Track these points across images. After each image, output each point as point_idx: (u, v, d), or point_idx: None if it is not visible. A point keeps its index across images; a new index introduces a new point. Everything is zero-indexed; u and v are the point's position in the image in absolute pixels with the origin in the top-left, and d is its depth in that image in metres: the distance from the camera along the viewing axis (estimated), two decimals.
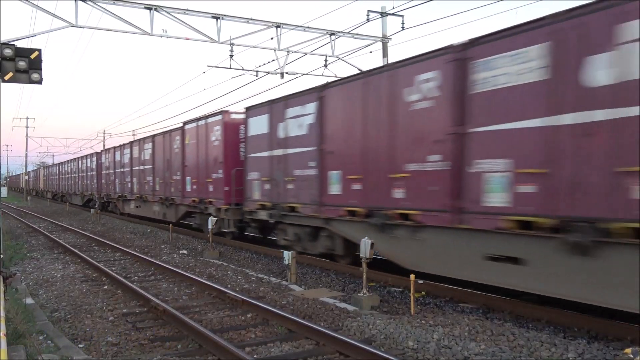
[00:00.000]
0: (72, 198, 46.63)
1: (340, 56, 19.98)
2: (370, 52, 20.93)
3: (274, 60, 19.37)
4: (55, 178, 58.44)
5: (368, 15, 19.78)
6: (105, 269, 12.20)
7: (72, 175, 46.46)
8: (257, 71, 19.91)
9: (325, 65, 20.12)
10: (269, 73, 19.96)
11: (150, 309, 8.60)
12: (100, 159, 35.77)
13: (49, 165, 72.54)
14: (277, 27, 18.20)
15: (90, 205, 38.38)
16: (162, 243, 18.05)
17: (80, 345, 6.90)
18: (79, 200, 43.72)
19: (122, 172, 29.70)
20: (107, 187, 33.40)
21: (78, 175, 43.74)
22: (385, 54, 20.57)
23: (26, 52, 10.38)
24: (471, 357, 6.06)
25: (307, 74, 20.56)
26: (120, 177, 30.26)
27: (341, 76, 14.09)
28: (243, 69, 19.48)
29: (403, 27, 19.80)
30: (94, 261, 13.44)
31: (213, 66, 20.14)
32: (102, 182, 34.87)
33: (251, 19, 17.90)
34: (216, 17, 17.16)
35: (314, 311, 8.40)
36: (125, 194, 29.23)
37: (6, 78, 10.16)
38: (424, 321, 7.56)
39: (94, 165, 37.50)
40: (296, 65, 70.72)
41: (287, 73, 19.95)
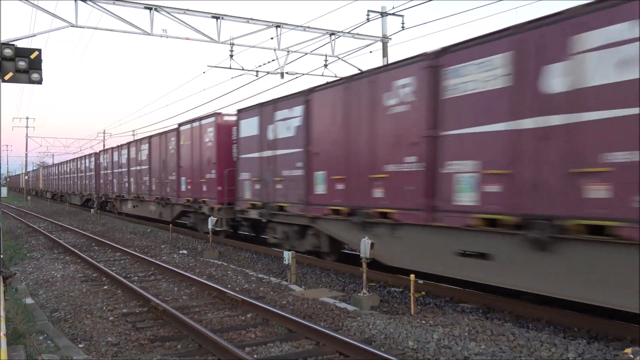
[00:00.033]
0: (71, 198, 46.79)
1: (340, 56, 19.98)
2: (370, 52, 20.95)
3: (274, 60, 19.38)
4: (54, 178, 58.56)
5: (368, 15, 19.78)
6: (105, 269, 12.21)
7: (71, 176, 46.58)
8: (257, 71, 19.91)
9: (326, 65, 20.11)
10: (269, 73, 19.96)
11: (150, 309, 8.61)
12: (99, 159, 35.96)
13: (49, 166, 72.59)
14: (277, 27, 18.20)
15: (89, 205, 38.51)
16: (162, 243, 18.05)
17: (80, 345, 6.91)
18: (77, 200, 43.92)
19: (120, 173, 29.94)
20: (105, 187, 33.56)
21: (77, 175, 43.88)
22: (385, 53, 20.56)
23: (26, 52, 10.39)
24: (471, 357, 6.06)
25: (307, 74, 20.57)
26: (118, 177, 30.50)
27: (341, 76, 14.09)
28: (243, 69, 19.48)
29: (403, 27, 19.80)
30: (94, 261, 13.44)
31: (213, 66, 20.15)
32: (101, 182, 35.04)
33: (251, 19, 17.90)
34: (216, 17, 17.16)
35: (314, 311, 8.41)
36: (122, 193, 29.47)
37: (6, 78, 10.16)
38: (424, 321, 7.56)
39: (92, 165, 37.60)
40: (296, 65, 70.93)
41: (287, 73, 19.95)
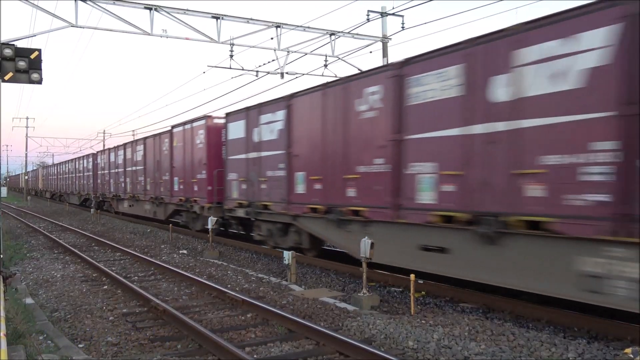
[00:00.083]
0: (70, 198, 47.04)
1: (340, 56, 19.98)
2: (370, 52, 20.95)
3: (274, 60, 19.38)
4: (53, 178, 58.78)
5: (368, 15, 19.79)
6: (105, 268, 12.21)
7: (70, 176, 46.89)
8: (257, 71, 19.93)
9: (325, 65, 20.11)
10: (269, 73, 19.96)
11: (150, 308, 8.61)
12: (96, 159, 36.47)
13: (48, 166, 72.62)
14: (277, 27, 18.20)
15: (87, 204, 38.70)
16: (162, 243, 18.06)
17: (80, 345, 6.90)
18: (76, 199, 44.22)
19: (117, 173, 30.49)
20: (103, 187, 34.01)
21: (75, 175, 44.19)
22: (385, 54, 20.56)
23: (26, 52, 10.38)
24: (471, 357, 6.06)
25: (307, 74, 20.57)
26: (114, 178, 31.08)
27: (341, 76, 14.10)
28: (243, 69, 19.49)
29: (403, 27, 19.81)
30: (93, 261, 13.44)
31: (213, 66, 20.18)
32: (98, 182, 35.51)
33: (251, 19, 17.90)
34: (216, 17, 17.16)
35: (314, 311, 8.41)
36: (119, 193, 30.00)
37: (6, 78, 10.15)
38: (424, 321, 7.57)
39: (90, 165, 37.96)
40: (296, 65, 71.00)
41: (287, 73, 19.96)
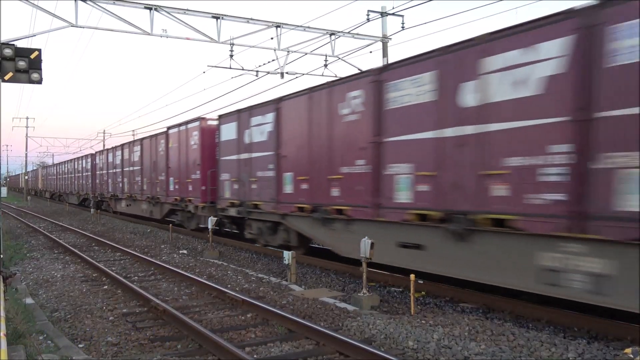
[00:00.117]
0: (69, 197, 47.19)
1: (340, 56, 19.97)
2: (371, 52, 20.96)
3: (274, 60, 19.37)
4: (53, 178, 58.96)
5: (368, 15, 19.78)
6: (105, 268, 12.20)
7: (69, 176, 47.09)
8: (257, 71, 19.93)
9: (325, 65, 20.11)
10: (269, 73, 19.96)
11: (150, 309, 8.61)
12: (95, 160, 36.76)
13: (47, 166, 72.64)
14: (277, 27, 18.19)
15: (86, 204, 38.86)
16: (162, 243, 18.06)
17: (80, 345, 6.90)
18: (75, 199, 44.38)
19: (114, 173, 30.80)
20: (101, 187, 34.27)
21: (74, 175, 44.39)
22: (385, 53, 20.56)
23: (26, 52, 10.38)
24: (471, 357, 6.06)
25: (307, 74, 20.57)
26: (112, 178, 31.42)
27: (340, 76, 14.11)
28: (243, 69, 19.49)
29: (403, 27, 19.81)
30: (94, 261, 13.44)
31: (213, 66, 20.18)
32: (97, 182, 35.81)
33: (251, 19, 17.89)
34: (216, 17, 17.16)
35: (314, 311, 8.41)
36: (117, 193, 30.33)
37: (6, 78, 10.15)
38: (424, 321, 7.57)
39: (89, 166, 38.19)
40: (296, 65, 71.12)
41: (287, 73, 19.96)
